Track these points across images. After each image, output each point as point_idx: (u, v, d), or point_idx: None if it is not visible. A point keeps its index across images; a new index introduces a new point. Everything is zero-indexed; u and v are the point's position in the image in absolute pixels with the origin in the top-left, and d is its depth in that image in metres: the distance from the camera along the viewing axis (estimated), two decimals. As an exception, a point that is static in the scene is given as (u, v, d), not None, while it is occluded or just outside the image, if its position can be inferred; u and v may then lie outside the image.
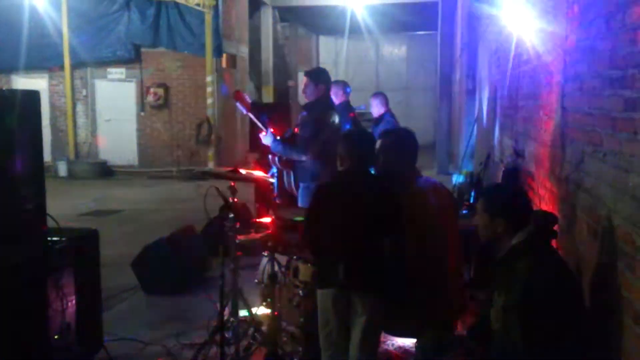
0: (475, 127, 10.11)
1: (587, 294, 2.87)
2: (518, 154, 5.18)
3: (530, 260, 2.45)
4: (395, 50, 25.18)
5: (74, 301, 3.67)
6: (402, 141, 3.42)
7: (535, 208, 3.76)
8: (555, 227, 3.19)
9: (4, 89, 14.02)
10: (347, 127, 6.35)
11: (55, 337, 3.48)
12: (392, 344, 4.10)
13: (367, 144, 3.35)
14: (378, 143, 3.42)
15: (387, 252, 3.08)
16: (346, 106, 6.85)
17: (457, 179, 8.94)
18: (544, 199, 4.13)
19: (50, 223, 3.62)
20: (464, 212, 5.75)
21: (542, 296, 2.33)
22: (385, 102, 7.27)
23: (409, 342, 4.04)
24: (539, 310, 2.31)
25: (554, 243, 3.27)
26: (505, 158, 5.91)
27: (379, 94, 7.52)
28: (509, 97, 6.14)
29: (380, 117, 7.20)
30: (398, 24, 20.88)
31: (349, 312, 3.10)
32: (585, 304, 2.65)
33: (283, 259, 4.07)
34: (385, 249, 3.08)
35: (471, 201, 6.43)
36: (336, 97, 6.52)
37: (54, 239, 3.59)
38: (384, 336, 3.85)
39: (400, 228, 3.13)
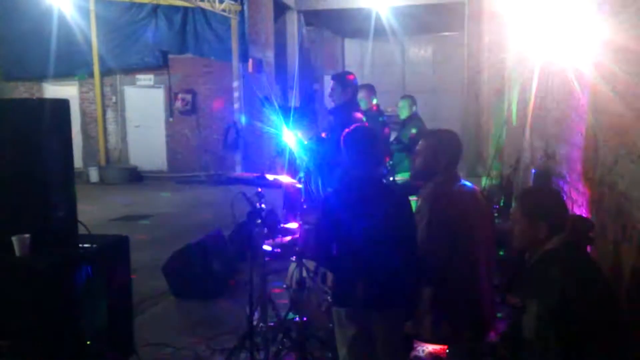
0: (505, 128, 9.98)
1: (623, 300, 2.80)
2: (549, 156, 5.09)
3: (565, 267, 2.37)
4: (421, 52, 25.00)
5: (105, 307, 3.71)
6: (441, 143, 3.32)
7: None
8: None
9: (34, 97, 14.32)
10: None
11: (88, 342, 3.52)
12: (423, 350, 4.06)
13: (372, 145, 3.04)
14: (419, 143, 3.31)
15: (412, 260, 2.95)
16: (376, 115, 6.85)
17: (486, 181, 8.83)
18: (576, 202, 4.05)
19: (81, 230, 3.67)
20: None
21: (578, 304, 2.26)
22: (414, 104, 7.37)
23: (440, 349, 4.00)
24: (574, 318, 2.25)
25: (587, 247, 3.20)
26: (536, 160, 5.82)
27: (408, 97, 7.60)
28: (539, 98, 6.04)
29: (408, 119, 7.27)
30: (424, 25, 20.74)
31: (368, 328, 2.93)
32: (621, 311, 2.58)
33: (311, 265, 4.06)
34: (410, 257, 2.94)
35: (501, 205, 6.34)
36: (364, 104, 6.49)
37: (85, 245, 3.63)
38: (415, 342, 3.81)
39: (414, 235, 2.99)
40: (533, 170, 5.56)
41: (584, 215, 3.69)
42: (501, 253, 4.26)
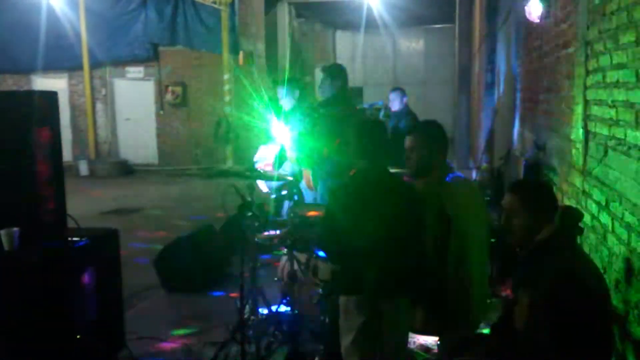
0: (495, 120, 10.00)
1: (612, 290, 2.82)
2: (539, 147, 5.10)
3: (557, 258, 2.37)
4: (412, 44, 24.99)
5: (95, 300, 3.69)
6: (434, 136, 3.33)
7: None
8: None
9: (22, 90, 14.21)
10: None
11: (78, 336, 3.50)
12: (414, 342, 4.07)
13: (379, 138, 3.10)
14: (408, 139, 3.30)
15: (412, 252, 2.98)
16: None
17: (477, 174, 8.86)
18: (566, 193, 4.07)
19: (71, 223, 3.64)
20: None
21: (570, 295, 2.26)
22: (405, 96, 7.53)
23: (430, 340, 4.01)
24: (566, 309, 2.25)
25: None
26: (526, 152, 5.84)
27: (398, 89, 7.77)
28: (529, 90, 6.06)
29: (400, 112, 7.40)
30: (415, 17, 20.72)
31: (375, 317, 2.97)
32: (611, 302, 2.60)
33: (302, 257, 4.06)
34: (411, 249, 2.98)
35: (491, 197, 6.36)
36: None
37: (75, 239, 3.61)
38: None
39: (422, 226, 3.04)
40: (524, 162, 5.58)
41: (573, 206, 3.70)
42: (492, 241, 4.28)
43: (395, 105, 7.57)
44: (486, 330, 3.73)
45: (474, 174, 9.11)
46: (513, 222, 2.51)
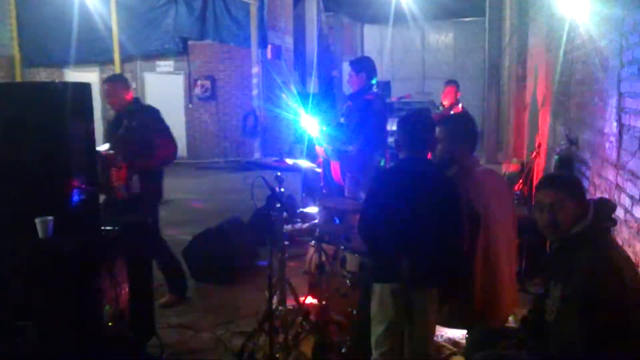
0: (526, 114, 9.88)
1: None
2: (571, 141, 5.03)
3: (592, 251, 2.33)
4: (441, 38, 24.75)
5: (127, 289, 3.75)
6: (463, 128, 3.32)
7: (590, 197, 3.64)
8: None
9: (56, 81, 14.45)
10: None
11: (109, 324, 3.57)
12: (442, 336, 4.06)
13: (422, 130, 3.10)
14: (438, 130, 3.27)
15: (447, 245, 2.98)
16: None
17: (506, 168, 8.77)
18: (599, 187, 4.00)
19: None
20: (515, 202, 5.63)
21: (605, 288, 2.23)
22: (458, 90, 7.29)
23: (458, 334, 3.99)
24: (601, 303, 2.22)
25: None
26: (558, 146, 5.76)
27: (452, 82, 7.41)
28: (562, 83, 5.96)
29: (451, 107, 7.19)
30: (444, 10, 20.51)
31: (408, 306, 2.97)
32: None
33: (330, 249, 4.07)
34: (445, 241, 2.97)
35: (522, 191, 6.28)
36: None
37: (107, 228, 3.67)
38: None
39: (461, 218, 3.02)
40: (556, 156, 5.50)
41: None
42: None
43: (449, 98, 7.30)
44: (513, 321, 3.70)
45: (503, 169, 9.02)
46: (559, 214, 2.43)
